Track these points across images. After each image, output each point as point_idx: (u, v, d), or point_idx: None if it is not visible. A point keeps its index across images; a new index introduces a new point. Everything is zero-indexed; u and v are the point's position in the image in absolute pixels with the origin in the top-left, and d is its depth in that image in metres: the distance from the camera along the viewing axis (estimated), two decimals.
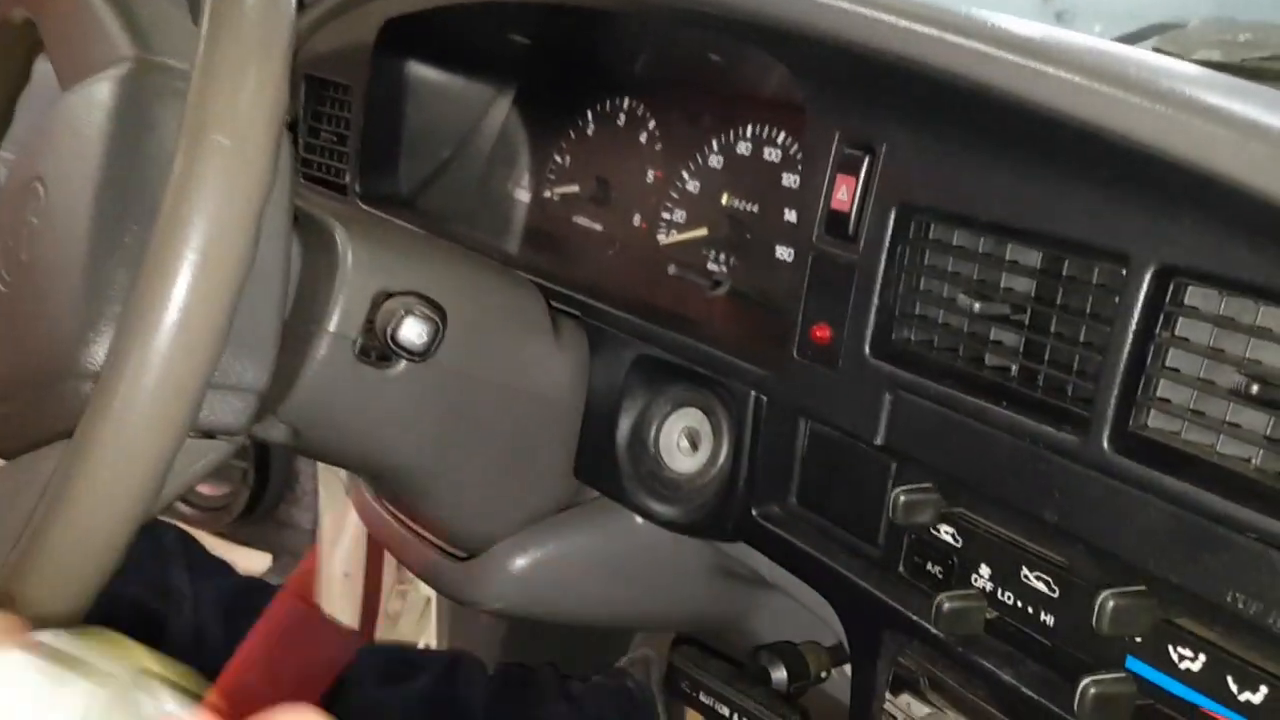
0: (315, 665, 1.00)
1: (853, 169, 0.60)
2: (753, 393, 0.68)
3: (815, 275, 0.62)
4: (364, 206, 0.96)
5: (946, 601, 0.56)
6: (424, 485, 0.74)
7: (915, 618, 0.59)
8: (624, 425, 0.76)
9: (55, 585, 0.55)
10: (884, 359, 0.59)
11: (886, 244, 0.59)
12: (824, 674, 0.80)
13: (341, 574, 1.43)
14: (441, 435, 0.71)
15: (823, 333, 0.61)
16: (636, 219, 0.90)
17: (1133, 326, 0.49)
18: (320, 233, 0.68)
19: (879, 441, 0.59)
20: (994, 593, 0.56)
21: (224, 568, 1.07)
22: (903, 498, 0.58)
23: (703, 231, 0.84)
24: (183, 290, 0.52)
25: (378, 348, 0.65)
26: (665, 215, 0.87)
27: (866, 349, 0.60)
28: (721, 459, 0.72)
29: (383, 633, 1.40)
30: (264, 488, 1.40)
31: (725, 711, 0.73)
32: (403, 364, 0.67)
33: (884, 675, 0.61)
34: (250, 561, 1.51)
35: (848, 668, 0.83)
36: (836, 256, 0.61)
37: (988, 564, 0.56)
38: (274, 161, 0.52)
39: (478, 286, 0.72)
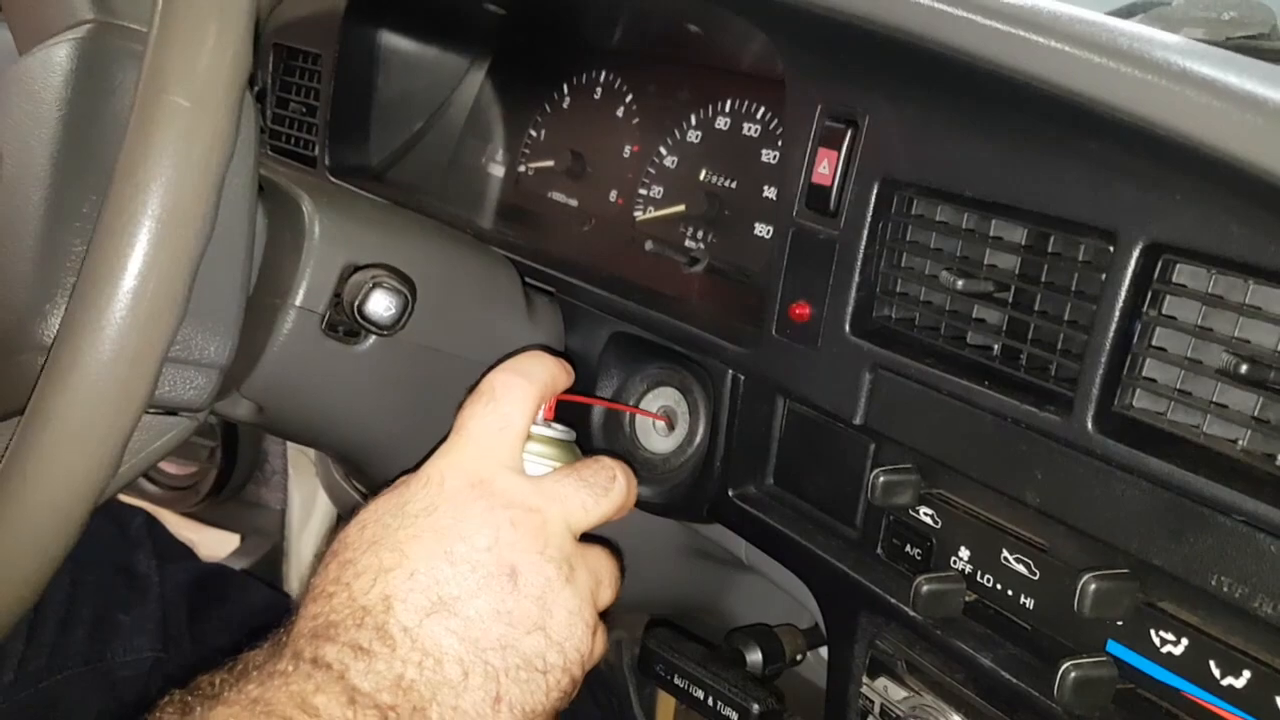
0: None
1: (834, 142, 0.58)
2: (730, 371, 0.66)
3: (795, 251, 0.61)
4: (333, 179, 0.94)
5: (925, 584, 0.55)
6: (392, 463, 0.72)
7: (893, 600, 0.58)
8: (598, 406, 0.74)
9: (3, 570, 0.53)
10: (864, 337, 0.58)
11: (868, 219, 0.57)
12: (799, 656, 0.79)
13: (311, 555, 1.41)
14: (410, 412, 0.69)
15: (802, 310, 0.60)
16: (613, 195, 0.88)
17: (1119, 304, 0.47)
18: (286, 203, 0.66)
19: (858, 421, 0.58)
20: (973, 575, 0.55)
21: (190, 554, 1.05)
22: (881, 479, 0.56)
23: (680, 208, 0.82)
24: (139, 258, 0.50)
25: (345, 322, 0.63)
26: (642, 191, 0.85)
27: (846, 327, 0.58)
28: (698, 439, 0.71)
29: None
30: (232, 467, 1.37)
31: (699, 694, 0.72)
32: (371, 339, 0.65)
33: (861, 658, 0.60)
34: (219, 542, 1.49)
35: (824, 650, 0.82)
36: (816, 232, 0.60)
37: (967, 546, 0.55)
38: (235, 124, 0.50)
39: (449, 260, 0.70)
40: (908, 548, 0.58)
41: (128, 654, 0.90)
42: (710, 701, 0.71)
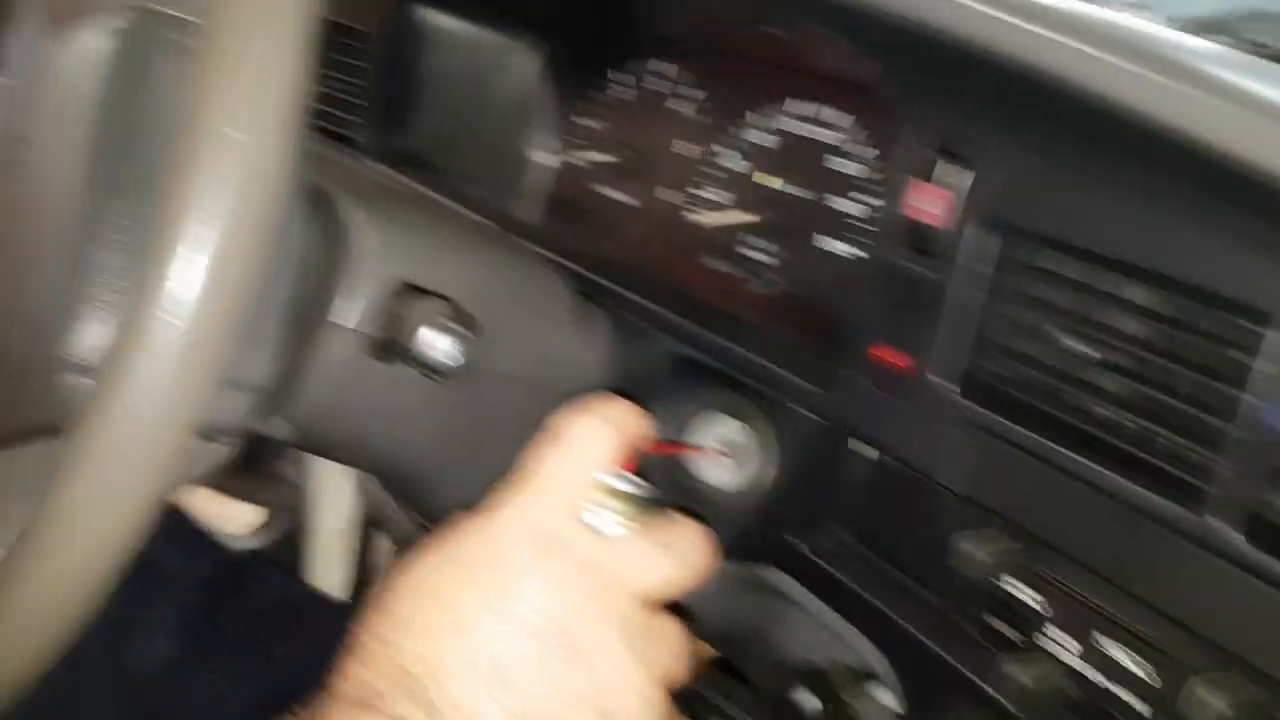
0: None
1: (947, 178, 0.53)
2: (802, 410, 0.62)
3: (891, 292, 0.56)
4: (372, 163, 0.88)
5: (1016, 668, 0.50)
6: (443, 491, 0.67)
7: (978, 681, 0.53)
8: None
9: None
10: (970, 396, 0.53)
11: (982, 267, 0.52)
12: (852, 699, 0.75)
13: (336, 533, 1.38)
14: (455, 435, 0.65)
15: (897, 359, 0.55)
16: (670, 196, 0.82)
17: (1269, 394, 0.43)
18: (330, 211, 0.61)
19: (958, 489, 0.54)
20: (1071, 664, 0.51)
21: (212, 542, 1.01)
22: (976, 551, 0.52)
23: (745, 216, 0.76)
24: (193, 299, 0.45)
25: (390, 344, 0.59)
26: (704, 194, 0.80)
27: (950, 382, 0.53)
28: (761, 476, 0.66)
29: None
30: (255, 439, 1.33)
31: None
32: None
33: None
34: (243, 515, 1.45)
35: (877, 692, 0.79)
36: (919, 275, 0.54)
37: (1067, 630, 0.51)
38: (292, 158, 0.45)
39: (505, 275, 0.65)
40: (998, 623, 0.54)
41: (147, 653, 0.87)
42: None
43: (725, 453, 0.68)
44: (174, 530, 0.93)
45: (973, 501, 0.54)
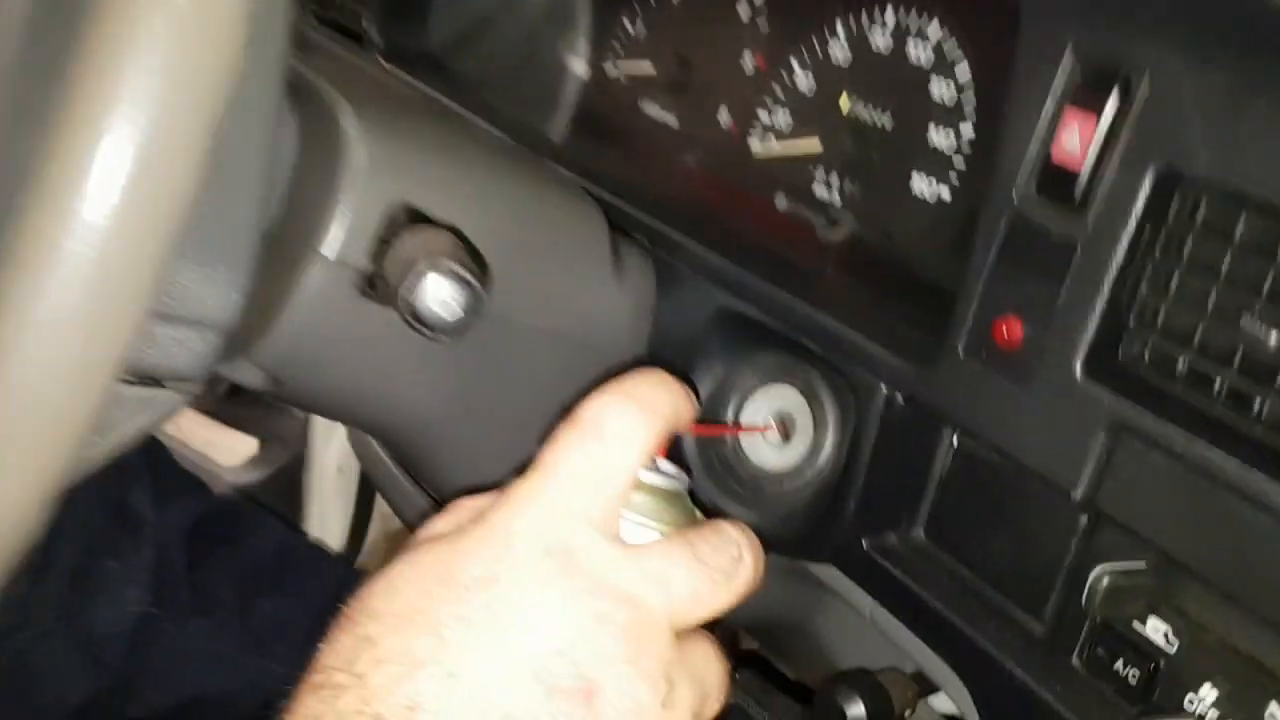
0: None
1: (1092, 106, 0.41)
2: (882, 386, 0.51)
3: (1011, 248, 0.44)
4: (384, 63, 0.77)
5: None
6: (435, 446, 0.57)
7: None
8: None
9: None
10: (1102, 381, 0.42)
11: (1133, 221, 0.41)
12: (909, 712, 0.65)
13: (334, 468, 1.29)
14: (462, 396, 0.54)
15: (1011, 330, 0.44)
16: (725, 117, 0.70)
17: None
18: (323, 116, 0.49)
19: (1078, 494, 0.43)
20: None
21: (195, 486, 0.91)
22: (1106, 579, 0.41)
23: (814, 145, 0.65)
24: (109, 188, 0.35)
25: (379, 284, 0.48)
26: (764, 117, 0.68)
27: (1078, 363, 0.42)
28: (823, 460, 0.55)
29: (376, 533, 1.27)
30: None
31: None
32: None
33: None
34: (236, 445, 1.36)
35: (934, 700, 0.69)
36: (1048, 227, 0.43)
37: (1216, 683, 0.40)
38: (250, 26, 0.34)
39: (530, 213, 0.54)
40: (1121, 666, 0.43)
41: (112, 607, 0.78)
42: None
43: (784, 431, 0.57)
44: (147, 472, 0.83)
45: (1101, 513, 0.43)
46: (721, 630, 0.47)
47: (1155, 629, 0.42)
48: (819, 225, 0.61)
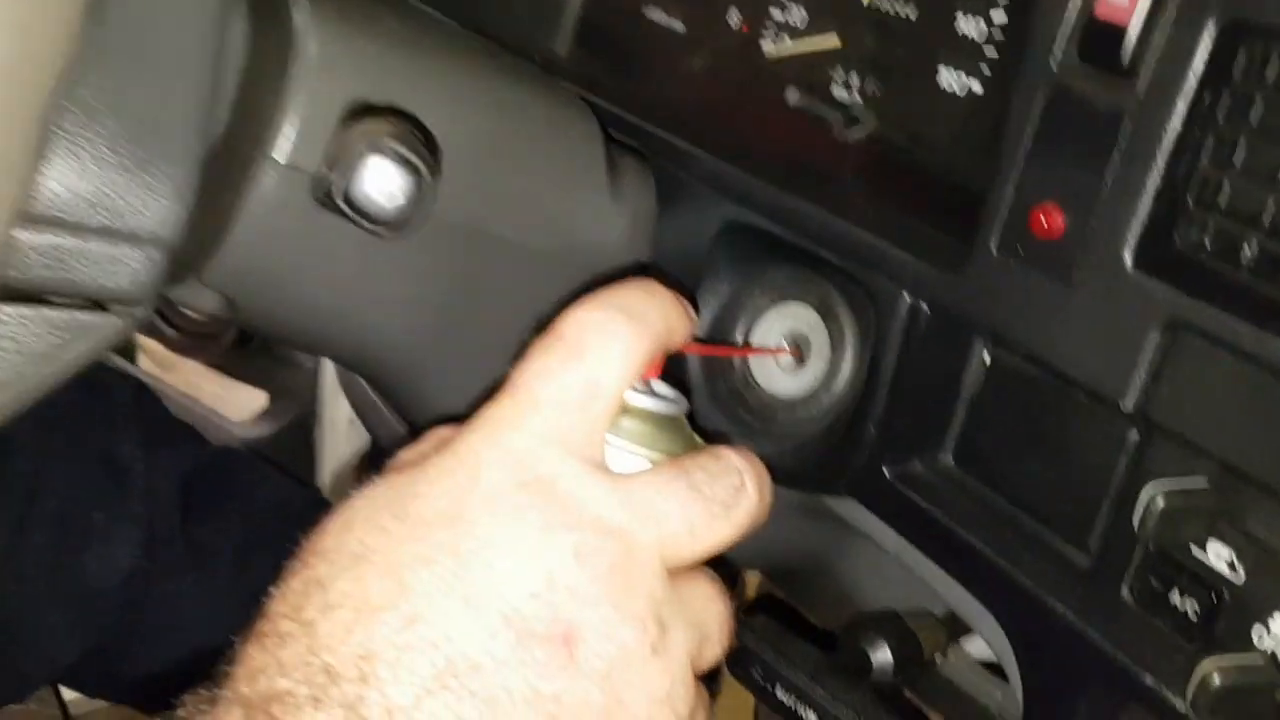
0: None
1: None
2: (906, 296, 0.45)
3: (1051, 124, 0.38)
4: None
5: (1218, 675, 0.35)
6: (412, 375, 0.52)
7: (1146, 678, 0.38)
8: (701, 317, 0.54)
9: None
10: (1156, 272, 0.36)
11: (1191, 84, 0.35)
12: (939, 656, 0.60)
13: (346, 420, 1.25)
14: (437, 315, 0.49)
15: (1051, 219, 0.38)
16: (734, 17, 0.64)
17: None
18: (274, 6, 0.44)
19: (1128, 405, 0.37)
20: None
21: (187, 436, 0.87)
22: (1160, 500, 0.36)
23: (832, 40, 0.59)
24: None
25: (320, 180, 0.43)
26: (776, 13, 0.62)
27: (1128, 253, 0.37)
28: (841, 384, 0.50)
29: None
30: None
31: (811, 718, 0.53)
32: None
33: None
34: (245, 399, 1.33)
35: (967, 644, 0.64)
36: (1092, 98, 0.37)
37: None
38: None
39: (504, 101, 0.49)
40: (1178, 598, 0.38)
41: (101, 563, 0.74)
42: None
43: (796, 353, 0.52)
44: (135, 421, 0.79)
45: (1154, 425, 0.37)
46: (728, 569, 0.42)
47: (1217, 554, 0.37)
48: (837, 127, 0.55)
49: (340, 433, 1.24)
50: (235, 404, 1.26)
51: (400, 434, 0.66)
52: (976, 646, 0.65)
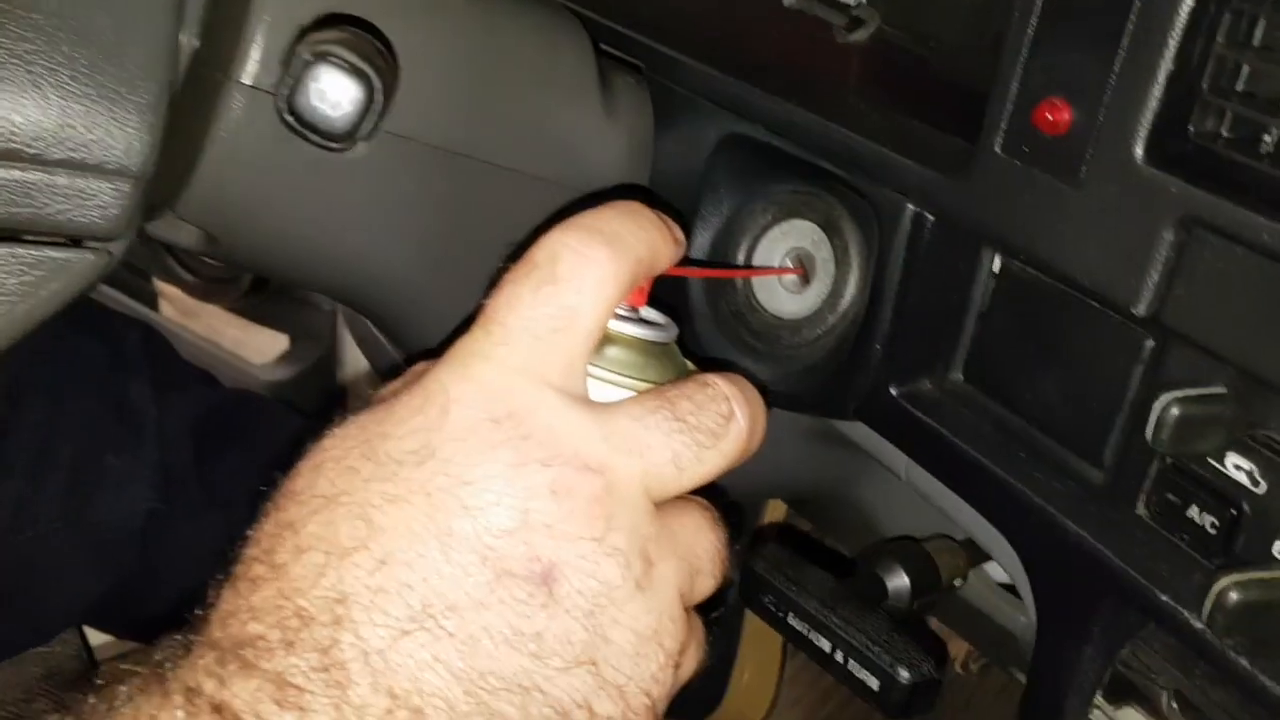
0: None
1: None
2: (910, 206, 0.43)
3: (1055, 10, 0.36)
4: None
5: (1235, 589, 0.33)
6: (402, 309, 0.51)
7: (1161, 595, 0.36)
8: (701, 239, 0.52)
9: None
10: (1168, 166, 0.34)
11: None
12: (958, 581, 0.59)
13: (366, 365, 1.25)
14: (424, 243, 0.48)
15: (1056, 114, 0.36)
16: None
17: None
18: None
19: (1142, 310, 0.35)
20: None
21: (199, 379, 0.87)
22: (1177, 408, 0.34)
23: None
24: None
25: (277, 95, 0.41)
26: None
27: (1138, 147, 0.34)
28: (846, 302, 0.48)
29: None
30: None
31: (824, 645, 0.52)
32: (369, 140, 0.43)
33: (1093, 669, 0.39)
34: (268, 342, 1.32)
35: (989, 568, 0.62)
36: None
37: None
38: None
39: (491, 32, 0.46)
40: (1196, 514, 0.36)
41: (116, 506, 0.74)
42: (839, 657, 0.52)
43: (800, 272, 0.50)
44: (146, 365, 0.79)
45: (1169, 331, 0.35)
46: (729, 502, 0.40)
47: (1237, 466, 0.35)
48: (838, 29, 0.52)
49: (362, 373, 1.23)
50: (257, 348, 1.26)
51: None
52: (999, 572, 0.64)
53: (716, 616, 0.38)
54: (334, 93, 0.36)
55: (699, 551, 0.35)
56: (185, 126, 0.42)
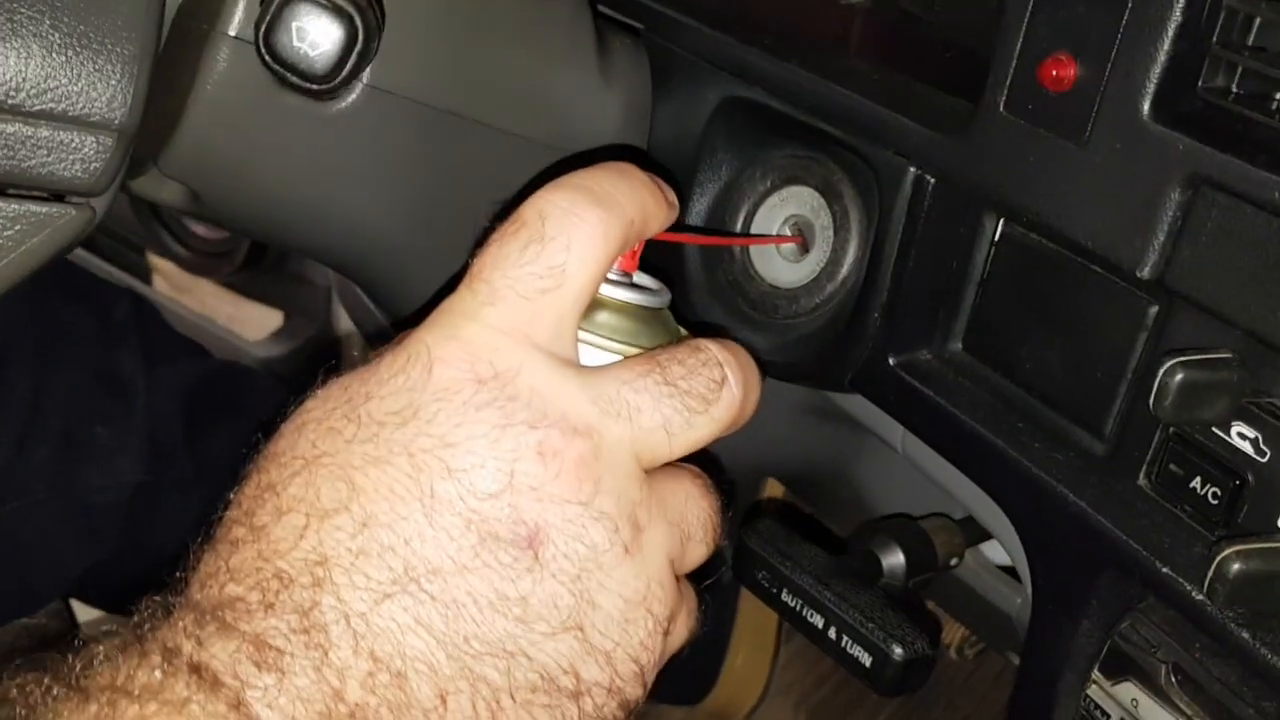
0: None
1: None
2: (911, 169, 0.42)
3: None
4: None
5: (1235, 557, 0.32)
6: (391, 275, 0.50)
7: (1162, 567, 0.35)
8: (698, 205, 0.51)
9: None
10: (1176, 125, 0.33)
11: None
12: (954, 560, 0.58)
13: (357, 339, 1.24)
14: (414, 204, 0.47)
15: (1062, 70, 0.35)
16: None
17: None
18: None
19: (1146, 273, 0.34)
20: None
21: (189, 351, 0.86)
22: (1181, 373, 0.33)
23: None
24: None
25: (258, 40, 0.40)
26: None
27: (1145, 104, 0.33)
28: (845, 270, 0.47)
29: None
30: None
31: (817, 621, 0.51)
32: (355, 92, 0.42)
33: (1090, 642, 0.38)
34: (260, 318, 1.32)
35: (986, 547, 0.61)
36: None
37: None
38: None
39: None
40: (1199, 485, 0.35)
41: (105, 476, 0.73)
42: (832, 634, 0.51)
43: (799, 240, 0.49)
44: (135, 335, 0.78)
45: (1174, 295, 0.34)
46: (712, 465, 0.39)
47: (1241, 435, 0.34)
48: None
49: (356, 349, 1.22)
50: (251, 324, 1.25)
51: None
52: (999, 553, 0.63)
53: (710, 584, 0.37)
54: (314, 33, 0.35)
55: (690, 518, 0.34)
56: (170, 80, 0.41)
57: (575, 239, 0.33)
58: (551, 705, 0.31)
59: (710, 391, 0.34)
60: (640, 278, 0.37)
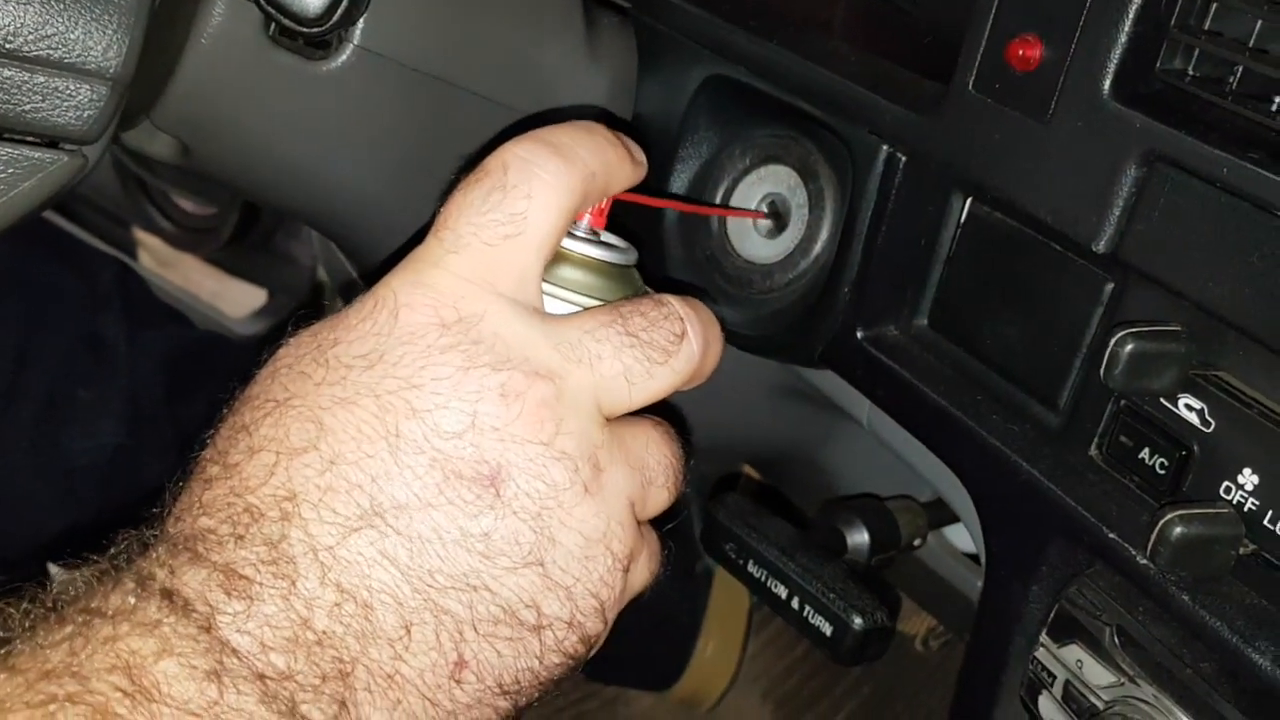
0: None
1: None
2: (884, 147, 0.43)
3: None
4: None
5: (1178, 521, 0.33)
6: (373, 235, 0.51)
7: (1110, 534, 0.36)
8: (679, 180, 0.52)
9: None
10: (1134, 104, 0.34)
11: None
12: (918, 541, 0.59)
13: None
14: (398, 169, 0.48)
15: (1028, 51, 0.36)
16: None
17: None
18: None
19: (1101, 246, 0.35)
20: (1258, 515, 0.34)
21: (172, 317, 0.87)
22: (1130, 344, 0.34)
23: None
24: None
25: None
26: None
27: (1105, 84, 0.34)
28: (818, 247, 0.49)
29: None
30: (257, 210, 1.17)
31: (781, 592, 0.52)
32: (345, 52, 0.43)
33: (1039, 608, 0.39)
34: (244, 295, 1.32)
35: (949, 531, 0.63)
36: None
37: (1255, 467, 0.34)
38: None
39: None
40: (1147, 455, 0.36)
41: (86, 439, 0.74)
42: (795, 604, 0.52)
43: (766, 215, 0.50)
44: (118, 299, 0.78)
45: (1129, 270, 0.36)
46: (673, 414, 0.40)
47: (1188, 406, 0.35)
48: None
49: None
50: (234, 301, 1.25)
51: None
52: (962, 538, 0.64)
53: (671, 528, 0.38)
54: None
55: (651, 463, 0.35)
56: (166, 32, 0.42)
57: (536, 187, 0.34)
58: (514, 638, 0.32)
59: (671, 344, 0.35)
60: (608, 236, 0.38)
